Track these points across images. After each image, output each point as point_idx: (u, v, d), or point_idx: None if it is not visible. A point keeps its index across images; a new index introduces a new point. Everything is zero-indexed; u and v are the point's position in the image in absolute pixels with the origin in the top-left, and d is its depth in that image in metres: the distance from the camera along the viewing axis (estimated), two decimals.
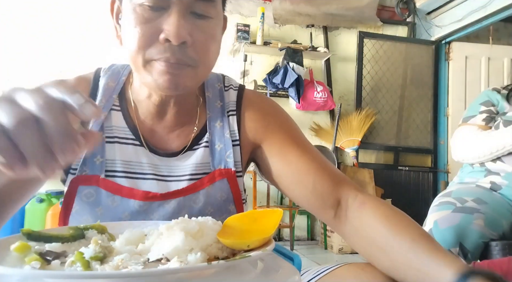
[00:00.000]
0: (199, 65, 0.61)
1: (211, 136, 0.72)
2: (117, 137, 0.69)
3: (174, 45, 0.57)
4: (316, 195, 0.66)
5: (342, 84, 3.85)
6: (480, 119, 1.52)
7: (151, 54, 0.59)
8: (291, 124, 0.76)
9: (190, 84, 0.62)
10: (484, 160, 1.45)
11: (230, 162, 0.71)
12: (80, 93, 0.35)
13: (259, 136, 0.74)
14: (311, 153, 0.71)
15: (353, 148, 3.59)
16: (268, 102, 0.79)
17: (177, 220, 0.45)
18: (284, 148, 0.71)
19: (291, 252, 0.63)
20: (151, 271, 0.31)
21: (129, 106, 0.72)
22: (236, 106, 0.75)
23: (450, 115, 3.89)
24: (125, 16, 0.61)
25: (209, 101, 0.75)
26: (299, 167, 0.68)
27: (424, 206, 3.54)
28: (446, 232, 1.20)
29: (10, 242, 0.41)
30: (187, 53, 0.59)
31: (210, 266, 0.33)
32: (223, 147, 0.72)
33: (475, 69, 3.94)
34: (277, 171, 0.71)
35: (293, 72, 3.34)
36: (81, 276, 0.31)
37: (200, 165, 0.71)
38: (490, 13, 3.30)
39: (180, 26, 0.56)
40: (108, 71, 0.74)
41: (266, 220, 0.45)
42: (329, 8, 3.63)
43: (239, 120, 0.74)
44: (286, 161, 0.70)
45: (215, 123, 0.73)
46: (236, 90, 0.77)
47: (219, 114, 0.74)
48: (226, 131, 0.73)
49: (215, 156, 0.72)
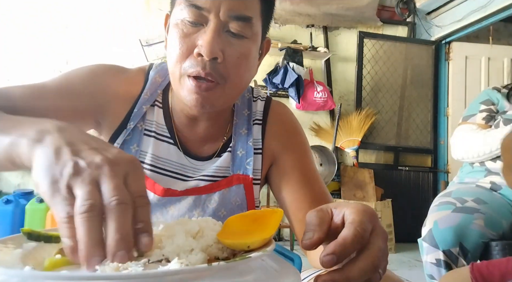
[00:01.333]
0: (227, 82, 0.63)
1: (234, 142, 0.75)
2: (154, 133, 0.72)
3: (206, 60, 0.60)
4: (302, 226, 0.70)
5: (342, 84, 3.85)
6: (480, 118, 1.52)
7: (185, 68, 0.62)
8: (306, 148, 0.79)
9: (217, 103, 0.64)
10: (484, 158, 1.44)
11: (249, 169, 0.74)
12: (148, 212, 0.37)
13: (277, 153, 0.77)
14: (313, 183, 0.74)
15: (353, 148, 3.59)
16: (292, 119, 0.82)
17: (177, 220, 0.45)
18: (291, 174, 0.74)
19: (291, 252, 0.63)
20: (151, 273, 0.31)
21: (169, 106, 0.75)
22: (262, 116, 0.78)
23: (450, 115, 3.89)
24: (170, 30, 0.65)
25: (237, 109, 0.78)
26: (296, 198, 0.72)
27: (424, 206, 3.53)
28: (446, 232, 1.20)
29: (10, 242, 0.41)
30: (217, 69, 0.61)
31: (210, 267, 0.33)
32: (245, 154, 0.75)
33: (475, 69, 3.93)
34: (277, 192, 0.75)
35: (293, 72, 3.34)
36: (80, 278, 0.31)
37: (221, 168, 0.74)
38: (490, 13, 3.30)
39: (213, 42, 0.59)
40: (158, 67, 0.77)
41: (266, 220, 0.45)
42: (329, 8, 3.63)
43: (264, 130, 0.77)
44: (287, 188, 0.73)
45: (240, 130, 0.76)
46: (264, 101, 0.80)
47: (245, 122, 0.77)
48: (249, 139, 0.76)
49: (236, 161, 0.74)
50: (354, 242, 0.35)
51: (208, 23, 0.60)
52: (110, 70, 0.73)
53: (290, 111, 0.83)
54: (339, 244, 0.35)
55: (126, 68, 0.76)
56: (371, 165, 3.73)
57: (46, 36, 3.25)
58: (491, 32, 3.89)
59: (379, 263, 0.36)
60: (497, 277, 0.79)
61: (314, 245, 0.38)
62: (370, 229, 0.37)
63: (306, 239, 0.38)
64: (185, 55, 0.61)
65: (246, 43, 0.64)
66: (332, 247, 0.35)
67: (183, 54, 0.61)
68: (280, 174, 0.75)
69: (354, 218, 0.37)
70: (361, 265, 0.35)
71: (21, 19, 3.21)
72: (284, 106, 0.83)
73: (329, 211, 0.41)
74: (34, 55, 3.21)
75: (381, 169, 3.74)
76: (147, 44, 3.37)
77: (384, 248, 0.37)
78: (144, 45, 3.36)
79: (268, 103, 0.80)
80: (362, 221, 0.37)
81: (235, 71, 0.63)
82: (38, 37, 3.23)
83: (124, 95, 0.72)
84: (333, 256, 0.34)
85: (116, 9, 3.41)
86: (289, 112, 0.83)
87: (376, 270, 0.36)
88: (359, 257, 0.36)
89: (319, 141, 3.66)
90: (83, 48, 3.30)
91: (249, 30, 0.63)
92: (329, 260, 0.34)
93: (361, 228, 0.36)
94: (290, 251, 0.65)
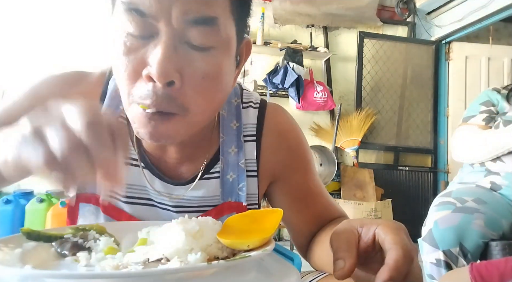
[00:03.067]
0: (190, 112, 0.49)
1: (223, 165, 0.63)
2: None
3: (158, 86, 0.45)
4: (304, 238, 0.69)
5: (342, 84, 3.85)
6: (480, 119, 1.52)
7: (133, 96, 0.47)
8: (309, 162, 0.70)
9: (178, 136, 0.51)
10: (484, 159, 1.44)
11: (243, 195, 0.63)
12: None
13: (278, 172, 0.67)
14: (318, 198, 0.69)
15: (353, 148, 3.59)
16: (293, 128, 0.69)
17: (177, 220, 0.45)
18: (294, 193, 0.68)
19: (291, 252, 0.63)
20: (151, 271, 0.31)
21: None
22: (256, 130, 0.65)
23: (450, 115, 3.89)
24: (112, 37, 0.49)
25: (223, 121, 0.64)
26: (301, 217, 0.68)
27: (424, 206, 3.54)
28: (446, 232, 1.20)
29: (10, 242, 0.41)
30: (173, 98, 0.46)
31: (210, 266, 0.33)
32: (236, 178, 0.63)
33: (475, 69, 3.93)
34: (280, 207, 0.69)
35: (293, 72, 3.33)
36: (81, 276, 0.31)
37: (209, 198, 0.63)
38: (490, 13, 3.29)
39: (166, 60, 0.44)
40: None
41: (266, 220, 0.45)
42: (329, 8, 3.63)
43: (259, 147, 0.65)
44: (290, 207, 0.68)
45: (229, 149, 0.64)
46: (257, 108, 0.66)
47: (234, 138, 0.64)
48: (241, 160, 0.63)
49: (226, 187, 0.63)
50: (406, 263, 0.34)
51: (159, 34, 0.45)
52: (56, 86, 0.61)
53: (289, 118, 0.70)
54: (393, 268, 0.33)
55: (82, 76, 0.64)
56: (371, 165, 3.73)
57: (46, 36, 3.24)
58: (491, 32, 3.89)
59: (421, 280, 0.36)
60: (496, 277, 0.79)
61: (348, 274, 0.35)
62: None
63: (338, 269, 0.35)
64: (132, 78, 0.47)
65: (214, 56, 0.48)
66: (387, 273, 0.33)
67: (130, 78, 0.47)
68: (281, 193, 0.68)
69: (395, 238, 0.36)
70: None
71: (21, 19, 3.21)
72: (282, 112, 0.70)
73: (355, 231, 0.38)
74: (34, 56, 3.21)
75: (381, 169, 3.74)
76: None
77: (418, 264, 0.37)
78: None
79: (263, 112, 0.66)
80: (404, 240, 0.35)
81: (199, 97, 0.48)
82: (38, 37, 3.23)
83: None
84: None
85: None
86: (288, 119, 0.70)
87: None
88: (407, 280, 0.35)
89: (319, 140, 3.66)
90: (82, 48, 3.29)
91: (216, 37, 0.47)
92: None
93: (407, 248, 0.35)
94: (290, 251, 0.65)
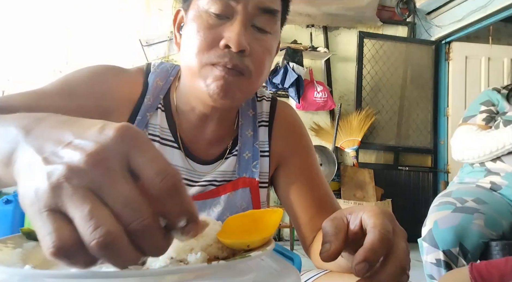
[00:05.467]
0: (253, 76, 0.62)
1: (240, 144, 0.74)
2: (158, 137, 0.70)
3: (233, 52, 0.59)
4: (308, 229, 0.72)
5: (342, 84, 3.85)
6: (480, 119, 1.52)
7: (210, 58, 0.60)
8: (311, 150, 0.79)
9: (240, 95, 0.63)
10: (484, 159, 1.45)
11: (256, 172, 0.73)
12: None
13: (284, 155, 0.76)
14: (318, 186, 0.74)
15: (353, 148, 3.59)
16: (298, 120, 0.81)
17: None
18: (297, 177, 0.74)
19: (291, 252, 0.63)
20: (151, 271, 0.31)
21: (172, 108, 0.73)
22: (269, 117, 0.77)
23: (450, 115, 3.90)
24: (189, 23, 0.63)
25: (241, 110, 0.76)
26: (302, 202, 0.73)
27: (424, 206, 3.54)
28: (446, 232, 1.20)
29: (10, 242, 0.41)
30: (244, 61, 0.61)
31: (210, 266, 0.33)
32: (251, 156, 0.74)
33: (475, 69, 3.94)
34: (283, 195, 0.75)
35: (293, 72, 3.34)
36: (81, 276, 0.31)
37: (227, 172, 0.73)
38: (490, 13, 3.30)
39: (241, 34, 0.59)
40: (157, 69, 0.75)
41: (266, 220, 0.45)
42: (329, 8, 3.63)
43: (271, 132, 0.76)
44: (294, 191, 0.74)
45: (246, 131, 0.75)
46: (269, 101, 0.79)
47: (250, 123, 0.76)
48: (256, 141, 0.75)
49: (242, 164, 0.73)
50: (382, 245, 0.35)
51: (234, 16, 0.60)
52: (111, 70, 0.71)
53: (295, 112, 0.82)
54: (368, 249, 0.34)
55: (125, 69, 0.74)
56: (371, 165, 3.73)
57: (46, 36, 3.25)
58: (491, 32, 3.89)
59: (406, 264, 0.36)
60: (496, 277, 0.79)
61: (333, 256, 0.37)
62: (392, 230, 0.37)
63: (324, 251, 0.37)
64: (210, 46, 0.60)
65: (269, 39, 0.64)
66: (362, 254, 0.34)
67: (208, 45, 0.60)
68: (286, 177, 0.75)
69: (375, 222, 0.37)
70: (391, 270, 0.35)
71: (21, 19, 3.21)
72: (290, 107, 0.82)
73: (344, 218, 0.40)
74: (34, 56, 3.21)
75: (381, 169, 3.74)
76: (147, 44, 3.38)
77: (406, 248, 0.37)
78: (144, 45, 3.36)
79: (274, 104, 0.79)
80: (384, 223, 0.36)
81: (259, 66, 0.63)
82: (38, 37, 3.23)
83: (126, 97, 0.69)
84: (365, 263, 0.34)
85: (116, 9, 3.41)
86: (295, 113, 0.82)
87: (404, 272, 0.36)
88: (387, 262, 0.36)
89: (319, 141, 3.67)
90: (83, 48, 3.30)
91: (273, 26, 0.64)
92: (362, 268, 0.34)
93: (386, 231, 0.36)
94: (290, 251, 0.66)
